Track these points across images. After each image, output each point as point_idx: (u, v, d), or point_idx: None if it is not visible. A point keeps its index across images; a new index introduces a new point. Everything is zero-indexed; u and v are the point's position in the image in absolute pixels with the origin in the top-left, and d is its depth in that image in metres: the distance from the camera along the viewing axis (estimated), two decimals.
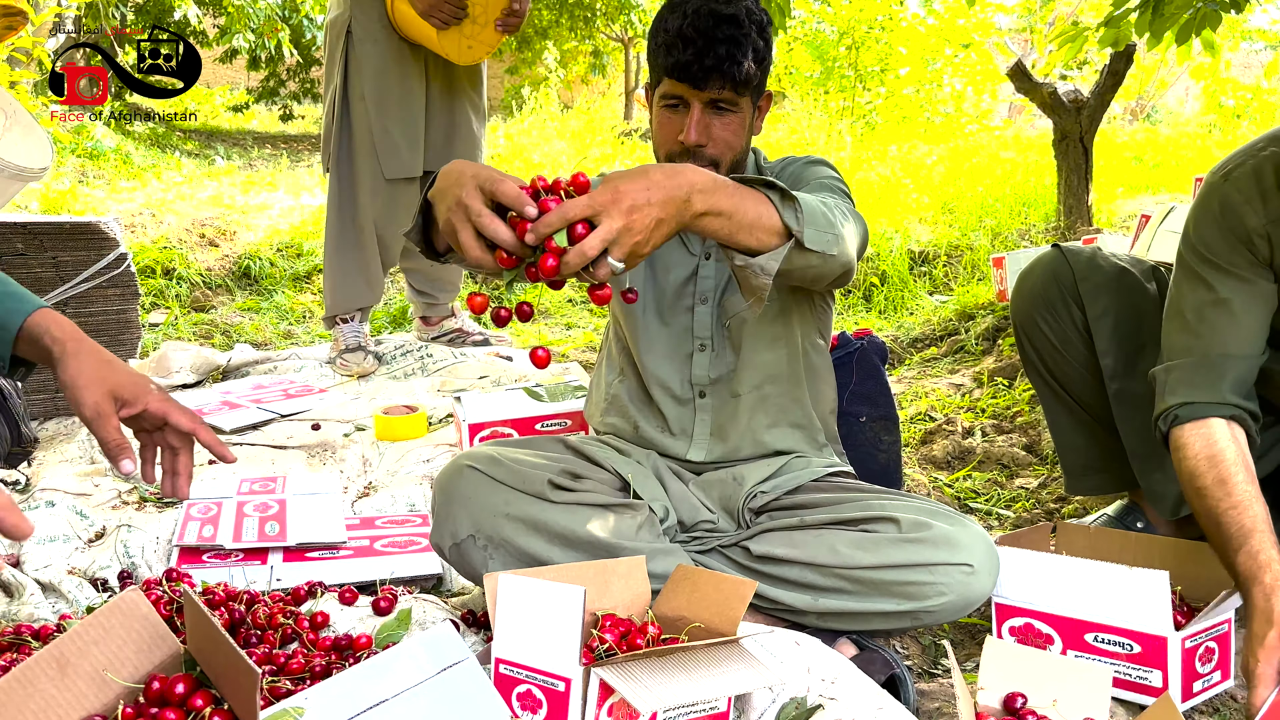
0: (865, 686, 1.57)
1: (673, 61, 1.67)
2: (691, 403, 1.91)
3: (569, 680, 1.35)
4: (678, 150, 1.74)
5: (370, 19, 3.37)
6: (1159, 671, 1.58)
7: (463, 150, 3.60)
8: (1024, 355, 2.12)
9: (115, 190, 6.33)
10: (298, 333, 4.48)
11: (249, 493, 2.36)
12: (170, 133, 9.87)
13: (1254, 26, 14.13)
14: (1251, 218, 1.66)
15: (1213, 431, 1.65)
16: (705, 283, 1.88)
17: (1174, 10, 3.34)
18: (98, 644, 1.21)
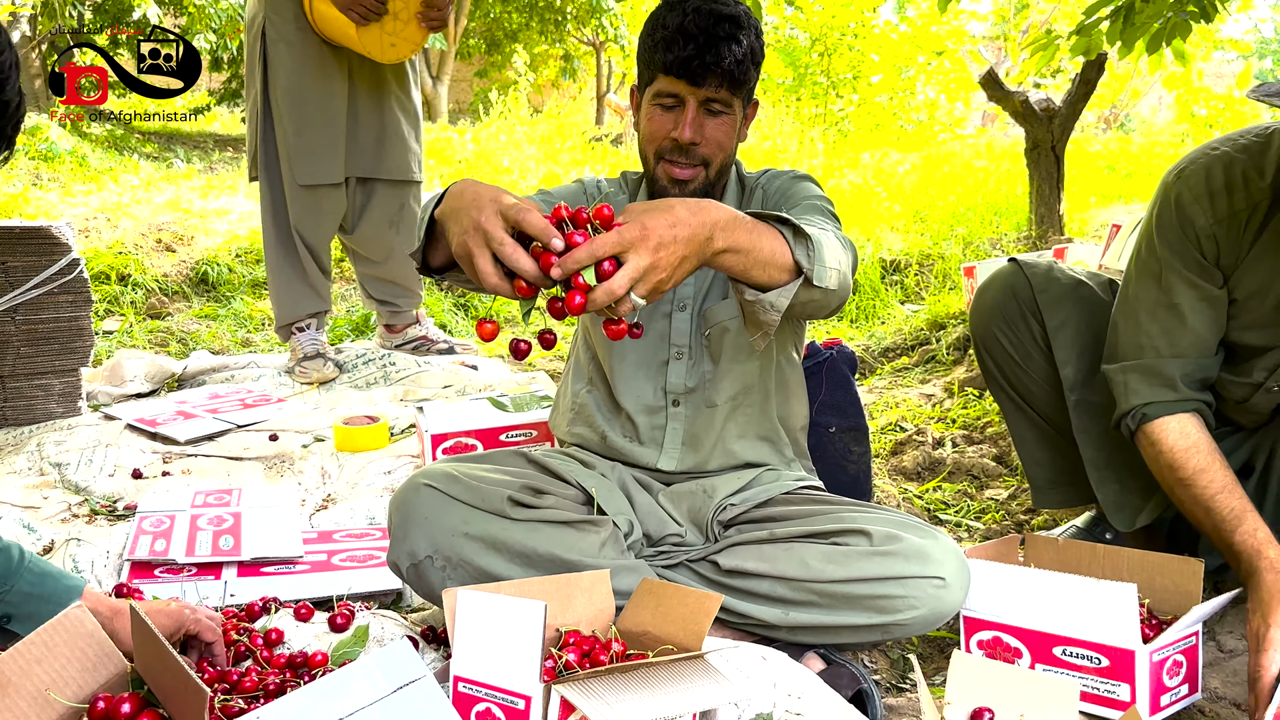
0: (832, 701, 1.57)
1: (672, 57, 1.69)
2: (664, 411, 1.91)
3: (529, 698, 1.34)
4: (669, 146, 1.76)
5: (285, 19, 3.34)
6: (1127, 685, 1.59)
7: (395, 154, 3.60)
8: (985, 370, 2.13)
9: (69, 194, 6.26)
10: (256, 340, 4.44)
11: (203, 505, 2.34)
12: (129, 135, 9.78)
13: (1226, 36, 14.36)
14: (1200, 217, 1.71)
15: (1183, 425, 1.72)
16: (684, 289, 1.88)
17: (1145, 19, 3.38)
18: (40, 662, 1.19)
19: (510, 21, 13.73)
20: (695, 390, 1.90)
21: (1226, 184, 1.69)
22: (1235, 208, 1.69)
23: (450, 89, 13.63)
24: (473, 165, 8.34)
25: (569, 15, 13.48)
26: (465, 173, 8.02)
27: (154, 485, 2.61)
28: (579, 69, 14.85)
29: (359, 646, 1.72)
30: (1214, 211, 1.69)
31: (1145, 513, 1.96)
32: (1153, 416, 1.75)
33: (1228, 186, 1.69)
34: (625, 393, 1.92)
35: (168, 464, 2.78)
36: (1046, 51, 4.11)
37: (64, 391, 3.11)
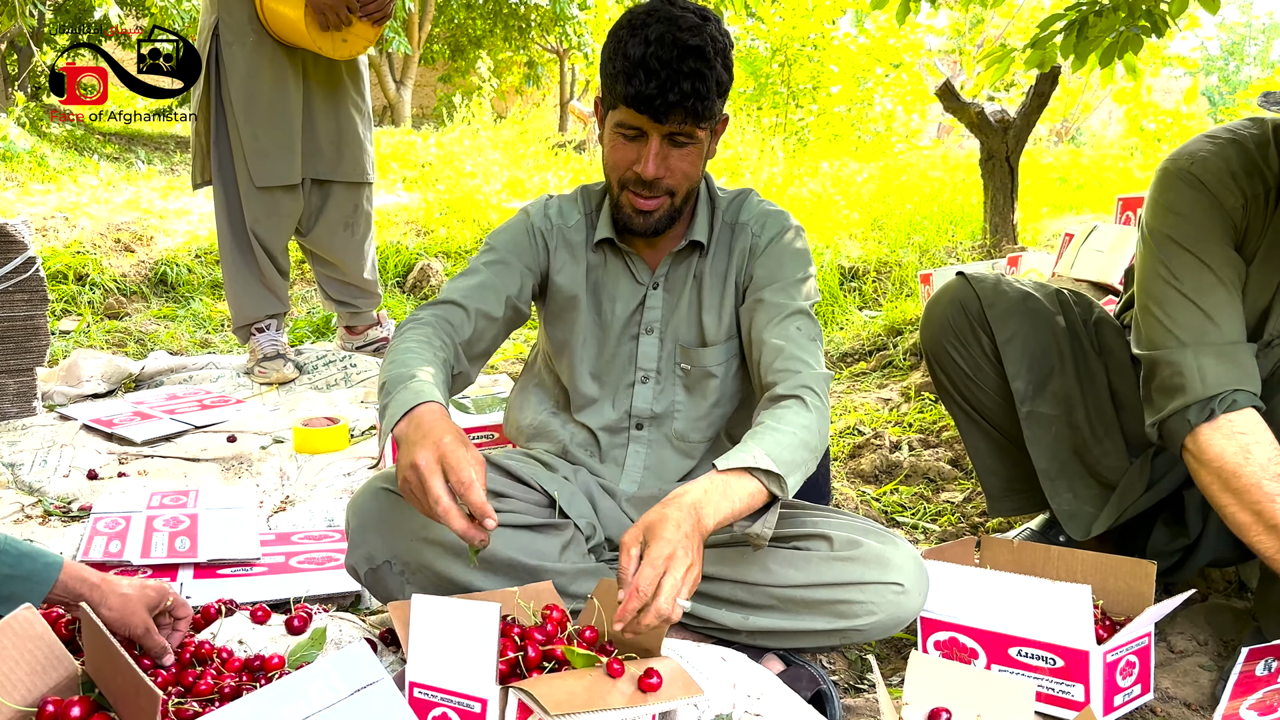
0: (791, 702, 1.56)
1: (633, 92, 1.59)
2: (626, 432, 1.89)
3: (484, 701, 1.33)
4: (631, 178, 1.69)
5: (238, 21, 3.31)
6: (1081, 685, 1.60)
7: (351, 156, 3.59)
8: (937, 382, 2.14)
9: (27, 193, 6.16)
10: (215, 341, 4.38)
11: (159, 506, 2.31)
12: (89, 136, 9.64)
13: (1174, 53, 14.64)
14: (1230, 198, 1.66)
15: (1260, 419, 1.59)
16: (652, 314, 1.85)
17: (1097, 34, 3.42)
18: None
19: (474, 28, 13.71)
20: (661, 417, 1.87)
21: (1245, 168, 1.66)
22: (1256, 190, 1.66)
23: (414, 94, 13.57)
24: (436, 169, 8.30)
25: (533, 23, 13.48)
26: (428, 177, 7.98)
27: (110, 486, 2.58)
28: (543, 75, 14.86)
29: (316, 649, 1.69)
30: (1243, 193, 1.66)
31: (1100, 521, 1.96)
32: (1243, 405, 1.58)
33: (1247, 170, 1.67)
34: (589, 412, 1.89)
35: (124, 465, 2.75)
36: (1001, 64, 4.15)
37: (19, 391, 3.06)
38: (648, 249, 1.84)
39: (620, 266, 1.85)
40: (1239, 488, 1.56)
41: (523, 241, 1.85)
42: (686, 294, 1.85)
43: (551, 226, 1.86)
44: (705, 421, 1.88)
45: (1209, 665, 1.79)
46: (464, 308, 1.75)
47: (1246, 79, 26.42)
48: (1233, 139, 1.70)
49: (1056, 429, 1.97)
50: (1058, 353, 1.97)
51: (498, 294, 1.78)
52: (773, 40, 13.13)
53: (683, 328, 1.85)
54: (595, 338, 1.87)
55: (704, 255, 1.84)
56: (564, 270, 1.85)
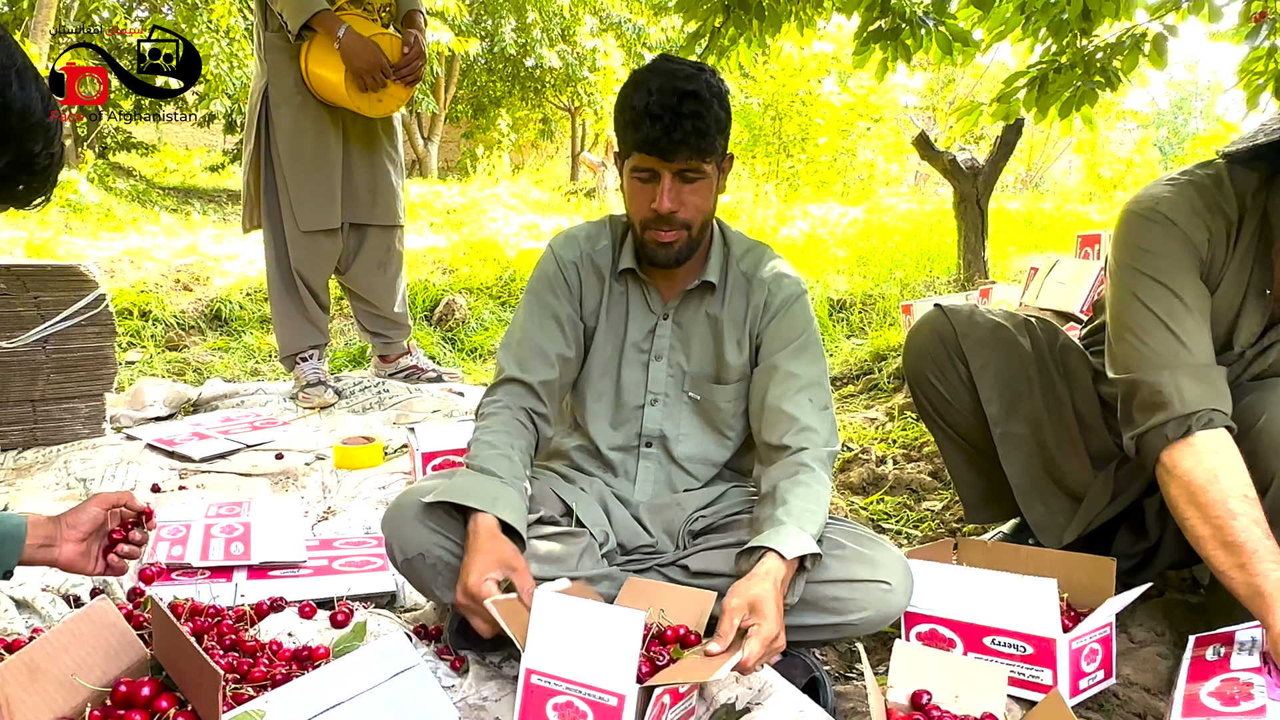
0: (788, 691, 1.56)
1: (641, 137, 1.62)
2: (636, 450, 1.88)
3: (623, 696, 1.32)
4: (651, 217, 1.69)
5: (285, 84, 3.37)
6: (1049, 670, 1.60)
7: (385, 202, 3.62)
8: (918, 405, 2.14)
9: (97, 239, 6.21)
10: (264, 370, 4.40)
11: (216, 515, 2.31)
12: (151, 189, 9.73)
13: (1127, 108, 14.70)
14: (1197, 232, 1.66)
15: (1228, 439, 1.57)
16: (661, 342, 1.84)
17: (1057, 88, 3.45)
18: (67, 650, 1.18)
19: (494, 89, 13.84)
20: (669, 439, 1.87)
21: (1207, 205, 1.67)
22: (1218, 225, 1.67)
23: (440, 148, 13.68)
24: (460, 215, 8.36)
25: (547, 84, 13.60)
26: (453, 222, 8.03)
27: (171, 498, 2.59)
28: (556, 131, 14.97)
29: (358, 640, 1.70)
30: (1208, 228, 1.66)
31: (1069, 530, 1.96)
32: (1217, 424, 1.57)
33: (1209, 207, 1.67)
34: (600, 434, 1.89)
35: (184, 479, 2.75)
36: (971, 116, 4.18)
37: (89, 414, 3.07)
38: (664, 282, 1.84)
39: (638, 295, 1.84)
40: (1203, 503, 1.53)
41: (559, 285, 1.84)
42: (699, 330, 1.83)
43: (581, 253, 1.85)
44: (712, 449, 1.88)
45: (1166, 654, 1.79)
46: (528, 384, 1.78)
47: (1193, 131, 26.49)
48: (1190, 181, 1.70)
49: (1027, 448, 1.97)
50: (1026, 378, 1.97)
51: (550, 360, 1.80)
52: (765, 96, 13.22)
53: (696, 361, 1.84)
54: (610, 360, 1.87)
55: (715, 296, 1.83)
56: (590, 295, 1.85)
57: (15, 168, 1.05)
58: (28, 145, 1.04)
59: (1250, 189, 1.67)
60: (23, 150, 1.04)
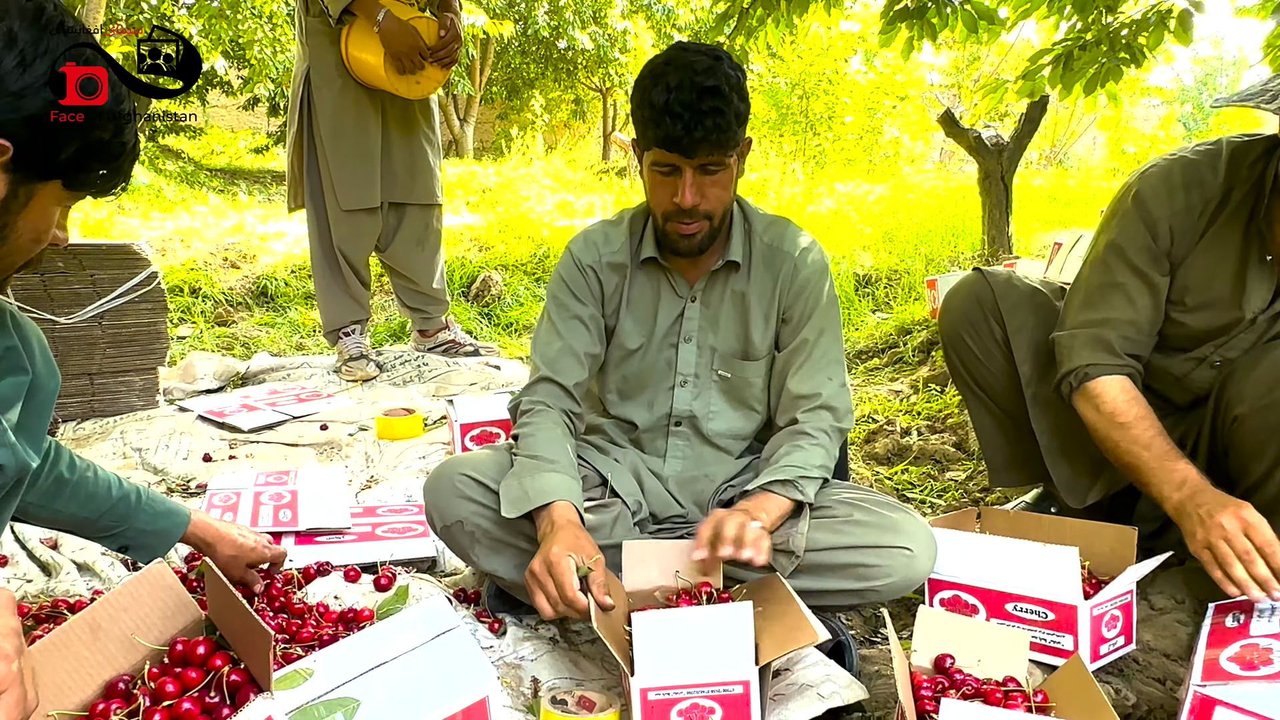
0: (814, 654, 1.57)
1: (662, 135, 1.58)
2: (666, 429, 1.88)
3: (747, 682, 1.34)
4: (673, 210, 1.67)
5: (326, 67, 3.37)
6: (1070, 636, 1.59)
7: (423, 182, 3.62)
8: (951, 366, 2.13)
9: (149, 219, 6.28)
10: (309, 344, 4.44)
11: (265, 484, 2.34)
12: (199, 171, 9.81)
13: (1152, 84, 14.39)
14: (1159, 209, 1.72)
15: (1122, 382, 1.74)
16: (690, 324, 1.82)
17: (1082, 65, 3.39)
18: (127, 610, 1.20)
19: (528, 71, 13.79)
20: (698, 418, 1.86)
21: (1184, 181, 1.70)
22: (1191, 202, 1.70)
23: (475, 129, 13.67)
24: (495, 194, 8.35)
25: (579, 65, 13.53)
26: (488, 201, 8.03)
27: (222, 467, 2.62)
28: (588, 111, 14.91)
29: (401, 603, 1.72)
30: (1172, 205, 1.71)
31: (1094, 491, 1.96)
32: (1094, 375, 1.75)
33: (1185, 184, 1.70)
34: (632, 412, 1.88)
35: (234, 449, 2.79)
36: (996, 94, 4.12)
37: (143, 387, 3.12)
38: (688, 266, 1.82)
39: (662, 281, 1.83)
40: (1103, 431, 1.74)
41: (579, 288, 1.83)
42: (726, 308, 1.82)
43: (598, 257, 1.83)
44: (742, 423, 1.87)
45: (1186, 621, 1.78)
46: (562, 385, 1.78)
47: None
48: (1181, 157, 1.75)
49: (1058, 410, 1.95)
50: None
51: (579, 358, 1.80)
52: (792, 76, 13.07)
53: (724, 339, 1.83)
54: (639, 347, 1.85)
55: (740, 273, 1.81)
56: (610, 293, 1.84)
57: (87, 154, 1.05)
58: (96, 133, 1.04)
59: (1249, 159, 1.69)
60: (91, 138, 1.04)
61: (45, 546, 1.96)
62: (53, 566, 1.88)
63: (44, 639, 1.15)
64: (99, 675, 1.18)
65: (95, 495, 1.48)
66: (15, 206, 1.02)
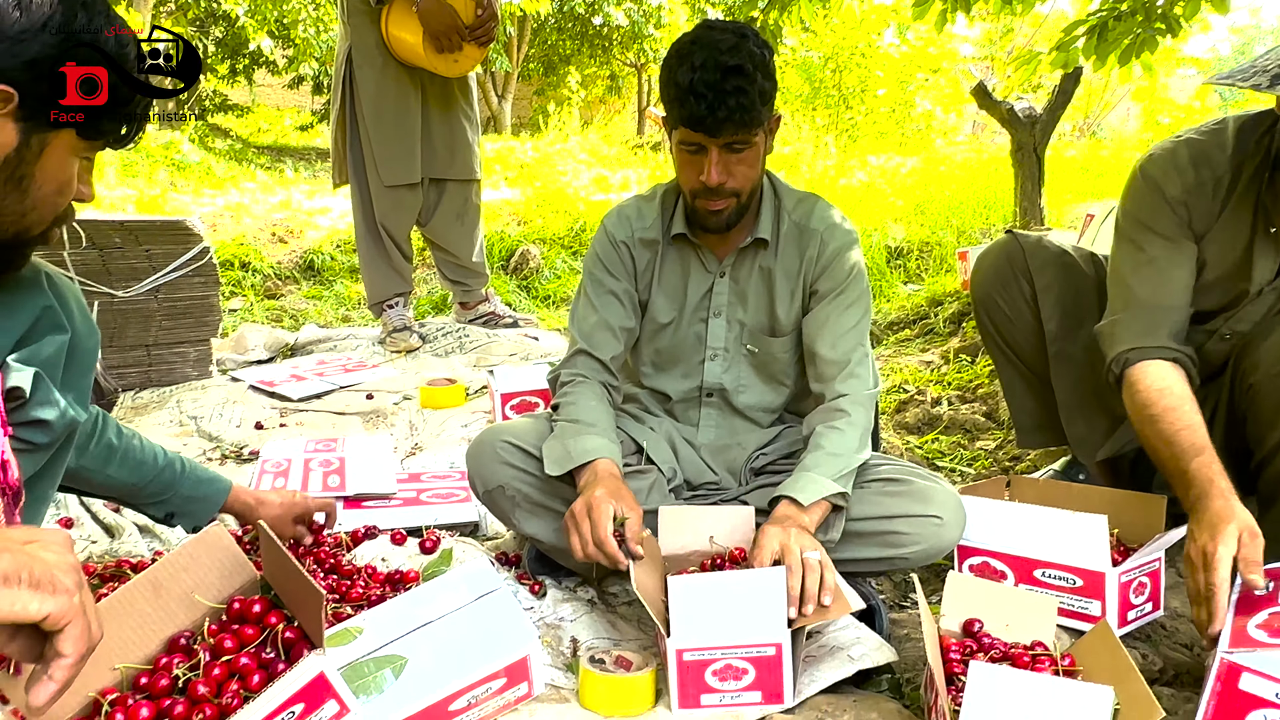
0: (846, 618, 1.57)
1: (687, 114, 1.56)
2: (698, 401, 1.88)
3: (780, 644, 1.36)
4: (701, 188, 1.65)
5: (368, 46, 3.38)
6: (1098, 602, 1.59)
7: (462, 157, 3.63)
8: (982, 326, 2.11)
9: (200, 196, 6.35)
10: (354, 316, 4.49)
11: (314, 451, 2.38)
12: (246, 149, 9.89)
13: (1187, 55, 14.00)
14: (1171, 188, 1.68)
15: (1160, 370, 1.65)
16: (719, 299, 1.81)
17: (1116, 36, 3.31)
18: (187, 570, 1.23)
19: (564, 48, 13.70)
20: (729, 390, 1.85)
21: (1191, 160, 1.67)
22: (1201, 179, 1.66)
23: (513, 105, 13.64)
24: (533, 169, 8.35)
25: (614, 41, 13.42)
26: (526, 176, 8.03)
27: (273, 435, 2.66)
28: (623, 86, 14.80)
29: (445, 565, 1.75)
30: (1183, 183, 1.67)
31: (1105, 448, 1.96)
32: (1134, 361, 1.67)
33: (1193, 162, 1.67)
34: (665, 384, 1.89)
35: (284, 418, 2.83)
36: (1029, 65, 4.03)
37: (198, 358, 3.17)
38: (717, 243, 1.80)
39: (692, 257, 1.82)
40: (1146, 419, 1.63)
41: (613, 263, 1.83)
42: (754, 285, 1.80)
43: (631, 232, 1.82)
44: (771, 397, 1.86)
45: None
46: (600, 359, 1.79)
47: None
48: (1188, 137, 1.71)
49: (1078, 367, 1.95)
50: (1086, 304, 1.94)
51: (615, 332, 1.80)
52: (825, 50, 12.88)
53: (752, 315, 1.82)
54: (671, 320, 1.85)
55: (768, 250, 1.79)
56: (643, 268, 1.84)
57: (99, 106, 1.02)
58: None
59: (1256, 134, 1.65)
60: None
61: (109, 510, 2.01)
62: (116, 529, 1.93)
63: (109, 597, 1.18)
64: (161, 631, 1.21)
65: (143, 462, 1.50)
66: (30, 156, 1.00)
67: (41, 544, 0.83)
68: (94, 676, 1.16)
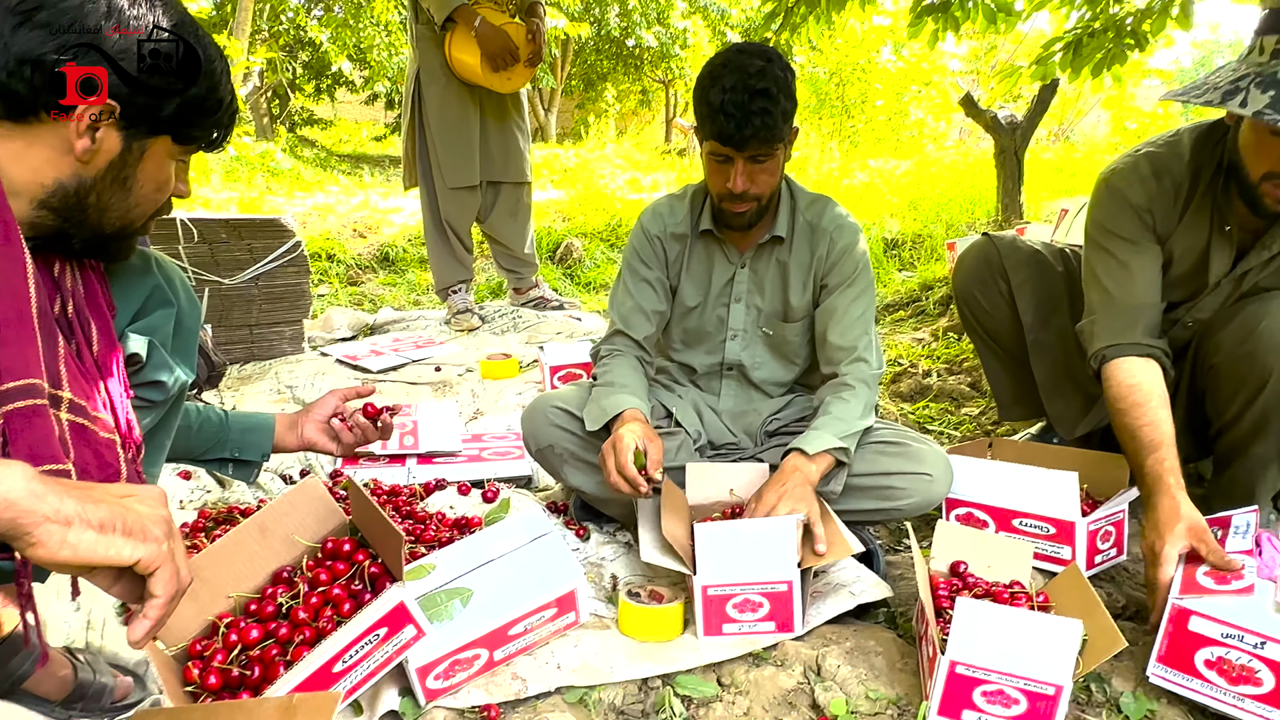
0: (848, 560, 1.58)
1: (717, 130, 1.55)
2: (719, 374, 1.88)
3: (790, 581, 1.37)
4: (725, 193, 1.65)
5: (433, 67, 3.38)
6: (1069, 547, 1.58)
7: (515, 163, 3.61)
8: (963, 318, 2.09)
9: (291, 197, 6.40)
10: (423, 300, 4.51)
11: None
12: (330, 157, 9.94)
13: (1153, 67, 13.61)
14: (1135, 197, 1.63)
15: (1132, 366, 1.59)
16: (740, 287, 1.80)
17: (1090, 51, 3.23)
18: (287, 515, 1.25)
19: (601, 66, 13.60)
20: (747, 367, 1.84)
21: (1154, 170, 1.62)
22: (1163, 187, 1.61)
23: (558, 117, 13.58)
24: (575, 173, 8.31)
25: (645, 60, 13.30)
26: (569, 179, 8.00)
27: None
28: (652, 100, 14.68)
29: (504, 512, 1.77)
30: (1146, 192, 1.62)
31: (1082, 425, 1.93)
32: (1110, 358, 1.61)
33: (1155, 173, 1.62)
34: (691, 358, 1.88)
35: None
36: (1011, 78, 3.94)
37: (292, 336, 3.21)
38: (739, 238, 1.79)
39: (717, 250, 1.81)
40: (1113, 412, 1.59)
41: (648, 255, 1.82)
42: (771, 276, 1.79)
43: (664, 228, 1.82)
44: (783, 372, 1.86)
45: None
46: (634, 338, 1.79)
47: None
48: (1147, 151, 1.65)
49: (1054, 354, 1.91)
50: (1057, 296, 1.91)
51: (648, 315, 1.80)
52: (830, 66, 12.69)
53: (768, 301, 1.81)
54: (697, 304, 1.84)
55: (784, 245, 1.78)
56: (674, 258, 1.83)
57: (187, 110, 0.99)
58: (193, 91, 0.99)
59: (1210, 142, 1.60)
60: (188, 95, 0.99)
61: None
62: (226, 481, 1.97)
63: (223, 537, 1.21)
64: (267, 566, 1.24)
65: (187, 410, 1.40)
66: (132, 160, 0.98)
67: (137, 498, 0.81)
68: (211, 604, 1.19)
